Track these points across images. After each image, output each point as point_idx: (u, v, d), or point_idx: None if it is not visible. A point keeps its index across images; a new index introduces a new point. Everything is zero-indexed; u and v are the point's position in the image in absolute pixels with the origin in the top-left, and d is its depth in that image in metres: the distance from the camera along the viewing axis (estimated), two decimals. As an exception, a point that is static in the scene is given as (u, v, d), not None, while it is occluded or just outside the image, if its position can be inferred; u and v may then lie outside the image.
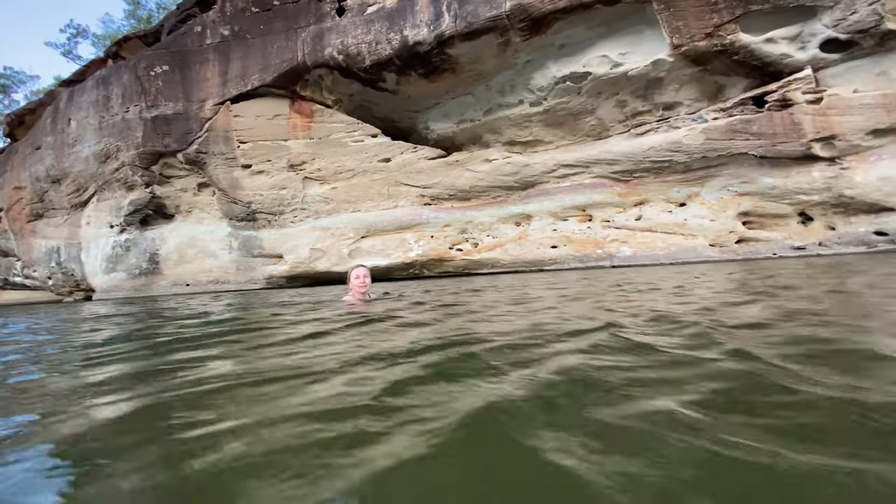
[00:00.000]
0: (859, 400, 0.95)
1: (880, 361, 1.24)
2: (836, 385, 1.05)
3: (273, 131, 12.59)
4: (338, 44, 11.39)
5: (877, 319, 1.91)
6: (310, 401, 1.13)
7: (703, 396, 1.02)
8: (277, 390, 1.24)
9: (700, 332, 1.79)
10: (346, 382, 1.29)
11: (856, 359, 1.29)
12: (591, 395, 1.08)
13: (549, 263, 11.39)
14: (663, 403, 0.97)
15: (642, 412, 0.93)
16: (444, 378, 1.29)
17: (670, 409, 0.93)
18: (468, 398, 1.07)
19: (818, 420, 0.87)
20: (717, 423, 0.86)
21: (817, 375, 1.12)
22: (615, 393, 1.08)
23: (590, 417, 0.92)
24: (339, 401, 1.12)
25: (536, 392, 1.10)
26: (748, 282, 4.10)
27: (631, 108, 10.42)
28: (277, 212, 12.83)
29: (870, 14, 7.69)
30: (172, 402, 1.21)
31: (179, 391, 1.30)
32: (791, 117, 8.33)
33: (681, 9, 8.91)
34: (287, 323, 3.06)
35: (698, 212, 9.66)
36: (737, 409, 0.95)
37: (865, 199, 7.91)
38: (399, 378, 1.29)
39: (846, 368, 1.19)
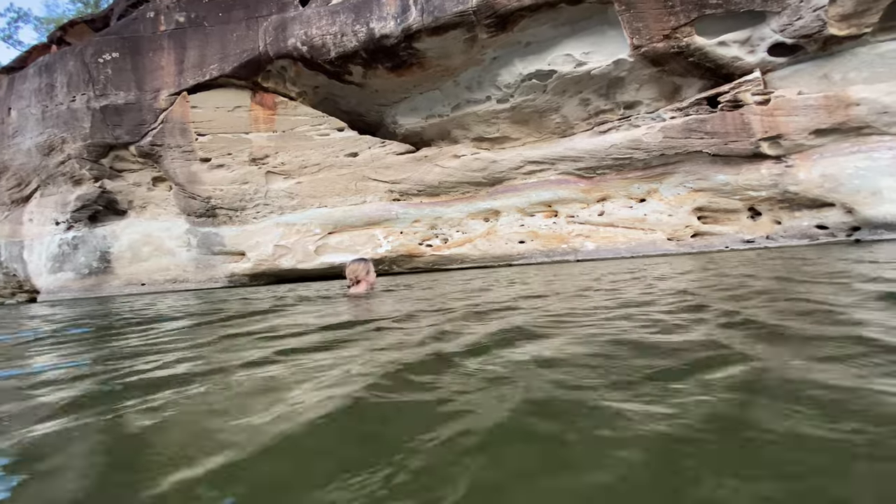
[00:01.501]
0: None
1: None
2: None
3: (233, 123, 12.13)
4: (301, 35, 11.08)
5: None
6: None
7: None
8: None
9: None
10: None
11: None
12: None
13: (517, 258, 11.55)
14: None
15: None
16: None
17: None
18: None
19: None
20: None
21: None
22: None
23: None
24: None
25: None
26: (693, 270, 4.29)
27: (594, 106, 10.68)
28: (239, 207, 12.38)
29: (814, 20, 8.16)
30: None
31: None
32: (741, 117, 8.76)
33: (640, 10, 9.18)
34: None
35: (657, 207, 10.04)
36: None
37: (808, 194, 8.44)
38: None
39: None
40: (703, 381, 0.99)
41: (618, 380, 1.02)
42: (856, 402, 0.82)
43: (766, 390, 0.90)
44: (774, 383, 0.94)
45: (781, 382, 0.94)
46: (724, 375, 1.01)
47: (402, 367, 1.27)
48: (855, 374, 0.96)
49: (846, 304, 1.83)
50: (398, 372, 1.22)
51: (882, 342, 1.18)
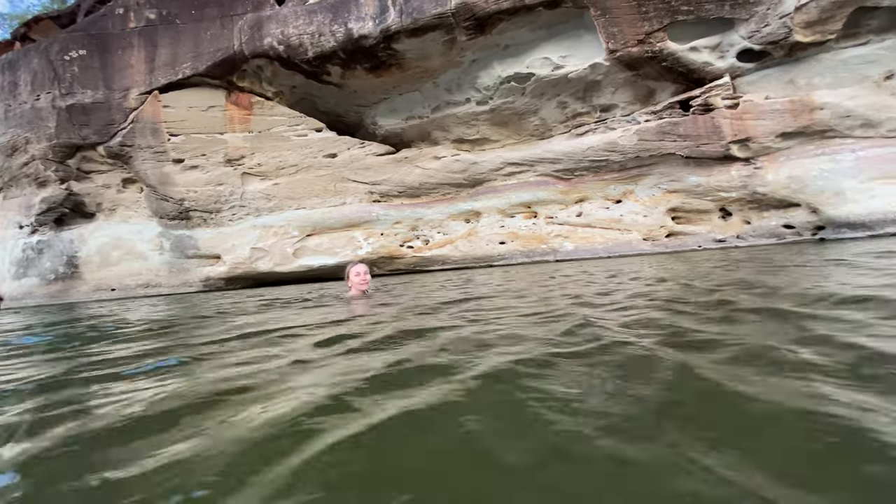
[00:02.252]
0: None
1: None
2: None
3: (208, 124, 11.83)
4: (278, 34, 10.90)
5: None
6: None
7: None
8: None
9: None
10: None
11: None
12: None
13: (498, 259, 11.60)
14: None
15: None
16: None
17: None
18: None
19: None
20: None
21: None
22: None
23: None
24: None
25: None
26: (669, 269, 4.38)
27: (571, 109, 10.83)
28: (214, 209, 12.07)
29: (780, 27, 8.45)
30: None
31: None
32: (712, 121, 9.02)
33: (615, 15, 9.36)
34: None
35: (633, 208, 10.23)
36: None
37: (776, 195, 8.74)
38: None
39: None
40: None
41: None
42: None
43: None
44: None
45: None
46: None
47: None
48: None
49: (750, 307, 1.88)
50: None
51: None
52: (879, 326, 1.32)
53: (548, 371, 1.13)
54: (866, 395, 0.82)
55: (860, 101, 8.22)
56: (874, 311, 1.55)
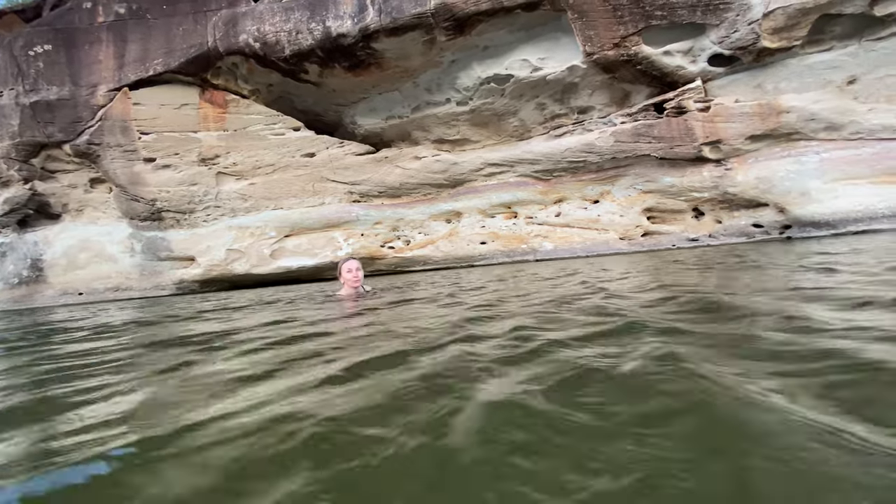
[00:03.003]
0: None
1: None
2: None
3: (181, 122, 11.51)
4: (254, 31, 10.69)
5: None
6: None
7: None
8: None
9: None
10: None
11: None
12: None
13: (479, 259, 11.64)
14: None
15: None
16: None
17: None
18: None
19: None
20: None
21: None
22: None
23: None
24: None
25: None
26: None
27: (549, 110, 10.95)
28: (187, 210, 11.75)
29: (749, 33, 8.72)
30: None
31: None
32: (685, 123, 9.25)
33: (592, 19, 9.51)
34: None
35: (609, 208, 10.42)
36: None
37: (745, 195, 9.02)
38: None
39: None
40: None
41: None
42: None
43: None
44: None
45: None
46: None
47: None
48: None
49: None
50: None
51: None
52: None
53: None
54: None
55: (824, 105, 8.55)
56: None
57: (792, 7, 8.17)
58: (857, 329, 1.22)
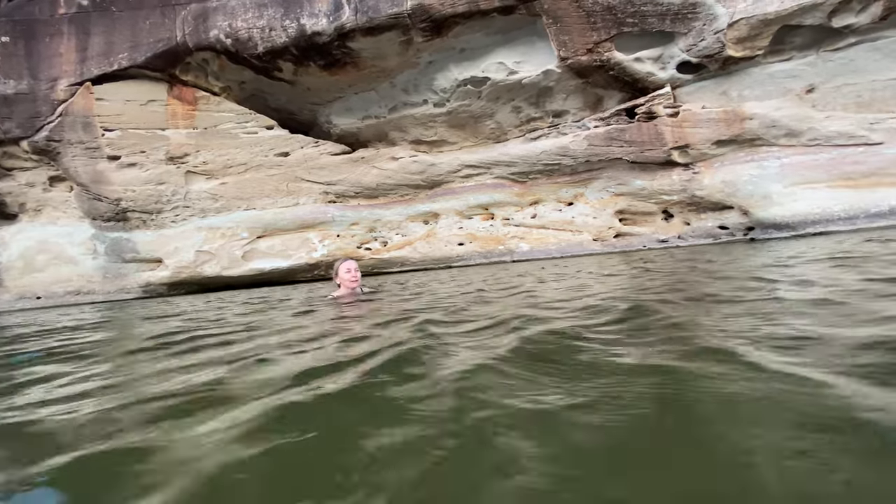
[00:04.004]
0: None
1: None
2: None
3: (147, 119, 11.10)
4: (225, 26, 10.42)
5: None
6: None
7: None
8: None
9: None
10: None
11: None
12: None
13: (457, 260, 11.65)
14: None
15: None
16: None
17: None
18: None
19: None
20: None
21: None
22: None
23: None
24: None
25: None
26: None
27: (525, 114, 11.08)
28: (154, 210, 11.32)
29: (715, 42, 9.04)
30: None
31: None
32: (655, 128, 9.52)
33: (566, 24, 9.67)
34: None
35: (583, 210, 10.61)
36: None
37: (711, 198, 9.35)
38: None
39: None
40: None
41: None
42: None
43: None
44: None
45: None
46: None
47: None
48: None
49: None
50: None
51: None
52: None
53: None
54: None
55: (784, 113, 8.94)
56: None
57: (755, 18, 8.51)
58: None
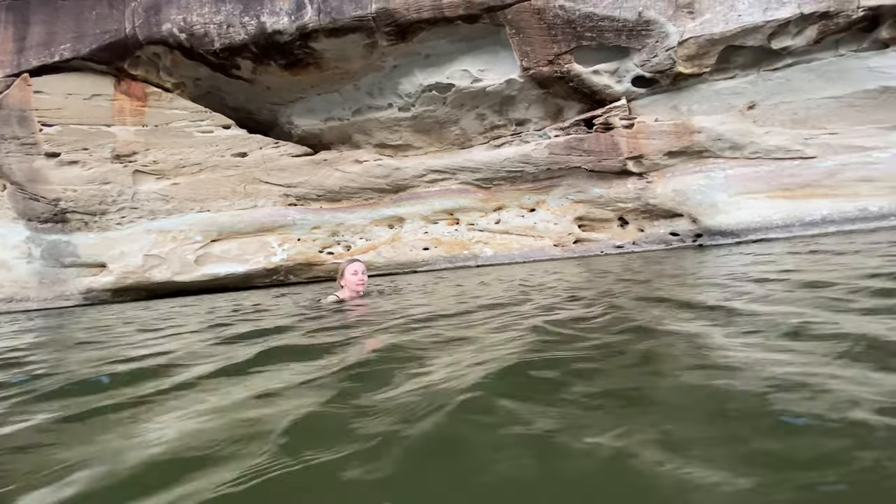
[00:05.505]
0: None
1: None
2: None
3: (91, 114, 10.43)
4: (179, 20, 9.98)
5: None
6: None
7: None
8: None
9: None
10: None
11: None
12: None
13: (422, 265, 11.61)
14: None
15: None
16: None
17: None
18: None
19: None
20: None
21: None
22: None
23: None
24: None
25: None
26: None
27: (489, 121, 11.24)
28: (98, 211, 10.61)
29: (666, 58, 9.50)
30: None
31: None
32: (612, 138, 9.89)
33: (528, 35, 9.90)
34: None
35: (545, 216, 10.87)
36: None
37: (663, 206, 9.80)
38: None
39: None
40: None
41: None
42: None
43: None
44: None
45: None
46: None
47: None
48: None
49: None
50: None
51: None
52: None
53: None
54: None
55: (729, 127, 9.52)
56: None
57: (702, 38, 9.02)
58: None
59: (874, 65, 8.61)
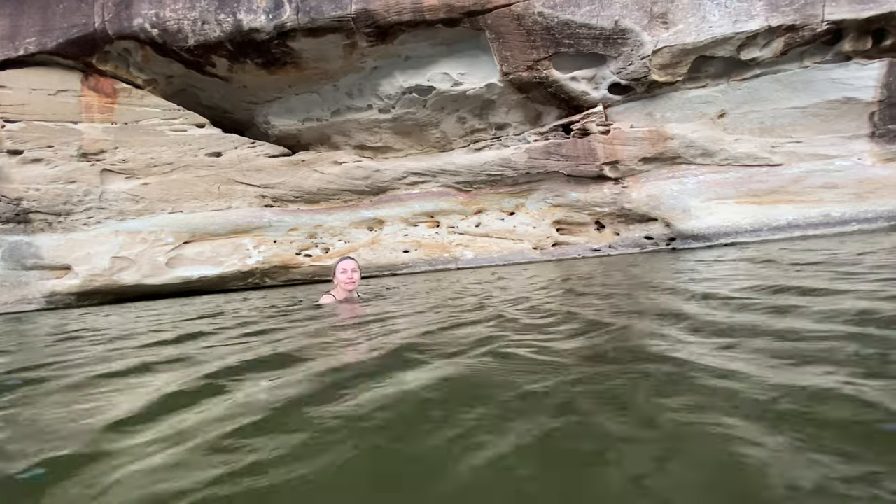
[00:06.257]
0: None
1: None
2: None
3: (57, 110, 10.03)
4: (151, 15, 9.70)
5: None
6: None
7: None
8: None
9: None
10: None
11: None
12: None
13: (402, 267, 11.55)
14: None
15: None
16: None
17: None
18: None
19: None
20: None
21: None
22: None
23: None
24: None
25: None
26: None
27: (470, 125, 11.29)
28: (63, 211, 10.19)
29: (641, 67, 9.72)
30: None
31: None
32: (589, 144, 10.06)
33: (508, 41, 9.99)
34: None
35: (524, 220, 10.96)
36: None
37: (638, 211, 10.01)
38: None
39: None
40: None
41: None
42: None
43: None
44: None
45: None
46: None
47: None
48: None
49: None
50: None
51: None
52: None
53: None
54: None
55: (700, 134, 9.80)
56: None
57: (676, 47, 9.27)
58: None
59: (837, 76, 9.01)
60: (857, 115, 9.12)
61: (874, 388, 0.77)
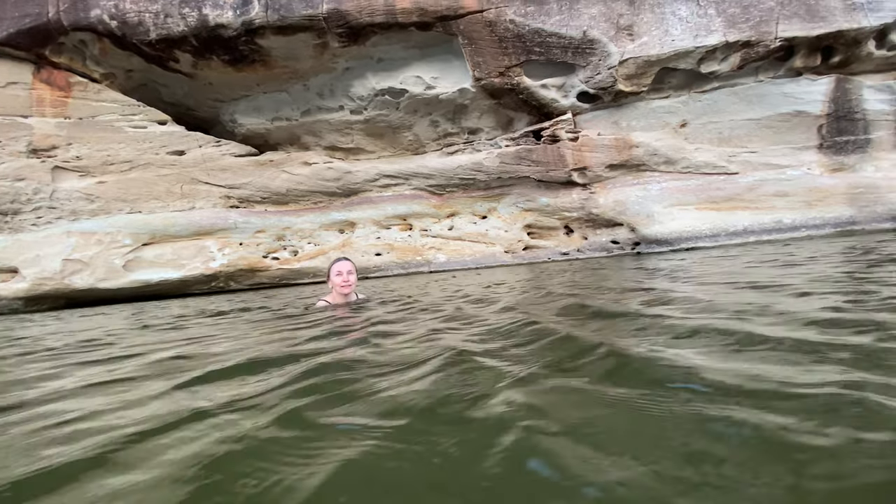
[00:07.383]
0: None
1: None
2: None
3: (5, 103, 9.45)
4: (110, 7, 9.29)
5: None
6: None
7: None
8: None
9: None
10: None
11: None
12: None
13: (374, 270, 11.42)
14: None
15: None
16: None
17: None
18: None
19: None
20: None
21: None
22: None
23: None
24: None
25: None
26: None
27: (442, 128, 11.33)
28: (10, 211, 9.56)
29: (608, 76, 10.02)
30: None
31: None
32: (559, 150, 10.27)
33: (481, 47, 10.10)
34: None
35: (496, 224, 11.07)
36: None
37: (605, 216, 10.28)
38: None
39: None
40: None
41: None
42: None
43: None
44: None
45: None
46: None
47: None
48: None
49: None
50: None
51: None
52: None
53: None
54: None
55: (663, 143, 10.17)
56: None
57: (640, 58, 9.60)
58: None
59: (788, 91, 9.56)
60: (807, 128, 9.69)
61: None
